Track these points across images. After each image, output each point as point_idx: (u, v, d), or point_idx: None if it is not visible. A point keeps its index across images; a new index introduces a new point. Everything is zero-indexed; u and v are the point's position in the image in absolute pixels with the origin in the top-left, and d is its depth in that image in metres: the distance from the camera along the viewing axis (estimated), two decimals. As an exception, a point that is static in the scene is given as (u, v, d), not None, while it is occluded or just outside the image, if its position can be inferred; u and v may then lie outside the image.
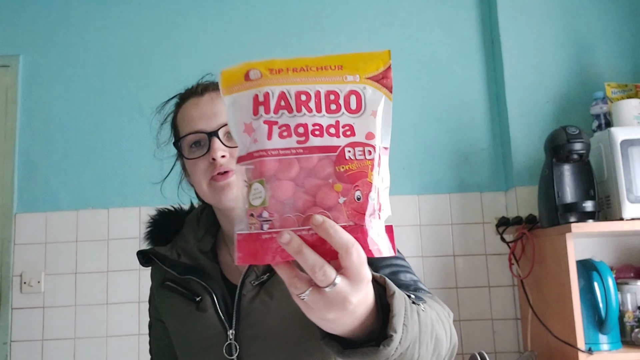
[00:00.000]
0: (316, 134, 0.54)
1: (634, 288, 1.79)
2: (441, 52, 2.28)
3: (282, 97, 0.55)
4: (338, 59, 0.57)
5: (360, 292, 0.52)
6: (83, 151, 2.24)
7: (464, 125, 2.23)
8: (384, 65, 0.58)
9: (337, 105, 0.55)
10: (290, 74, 0.56)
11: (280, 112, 0.54)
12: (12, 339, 2.12)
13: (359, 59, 0.57)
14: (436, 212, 2.18)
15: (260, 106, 0.55)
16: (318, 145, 0.54)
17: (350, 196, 0.53)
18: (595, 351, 1.65)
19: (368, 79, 0.57)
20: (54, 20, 2.33)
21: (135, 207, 2.18)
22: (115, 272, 2.15)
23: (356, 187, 0.53)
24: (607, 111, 1.96)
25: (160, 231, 1.06)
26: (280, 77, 0.56)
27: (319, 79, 0.56)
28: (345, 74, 0.56)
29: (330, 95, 0.56)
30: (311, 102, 0.55)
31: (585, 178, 1.79)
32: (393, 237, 0.56)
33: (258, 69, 0.56)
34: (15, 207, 2.20)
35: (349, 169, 0.53)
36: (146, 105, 2.24)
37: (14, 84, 2.27)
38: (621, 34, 2.19)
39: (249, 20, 2.33)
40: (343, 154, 0.54)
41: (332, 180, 0.53)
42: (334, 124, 0.55)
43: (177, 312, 0.98)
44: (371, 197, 0.53)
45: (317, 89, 0.55)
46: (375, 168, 0.55)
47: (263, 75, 0.56)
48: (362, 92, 0.56)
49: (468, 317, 2.11)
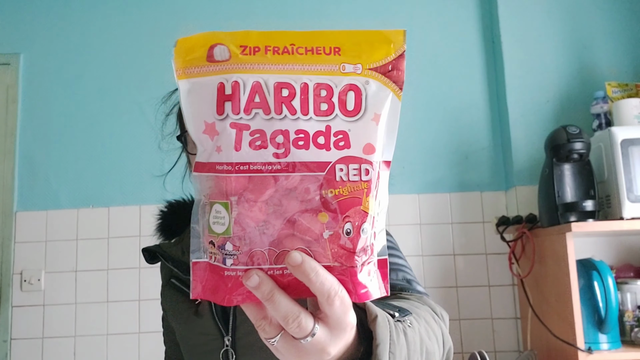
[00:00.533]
0: (299, 145, 0.42)
1: (633, 287, 1.79)
2: (442, 51, 2.28)
3: (257, 91, 0.42)
4: (336, 38, 0.43)
5: (341, 341, 0.45)
6: (83, 150, 2.24)
7: (464, 125, 2.23)
8: (396, 52, 0.44)
9: (329, 105, 0.43)
10: (269, 56, 0.42)
11: (254, 112, 0.42)
12: (12, 336, 2.12)
13: (363, 40, 0.44)
14: (436, 212, 2.18)
15: (227, 102, 0.42)
16: (301, 160, 0.42)
17: (338, 230, 0.42)
18: (595, 350, 1.65)
19: (373, 69, 0.44)
20: (54, 19, 2.33)
21: (135, 205, 2.18)
22: (115, 270, 2.15)
23: (346, 218, 0.42)
24: (607, 110, 1.96)
25: (170, 224, 1.04)
26: (255, 59, 0.42)
27: (308, 67, 0.43)
28: (343, 61, 0.43)
29: (321, 91, 0.43)
30: (295, 100, 0.42)
31: (585, 177, 1.79)
32: (386, 272, 0.46)
33: (226, 45, 0.42)
34: (16, 206, 2.20)
35: (339, 194, 0.42)
36: (146, 104, 2.24)
37: (15, 83, 2.27)
38: (621, 33, 2.19)
39: (249, 20, 2.32)
40: (333, 174, 0.42)
41: (316, 207, 0.42)
42: (324, 131, 0.42)
43: (178, 312, 0.97)
44: (364, 230, 0.43)
45: (304, 81, 0.43)
46: (372, 192, 0.43)
47: (232, 56, 0.42)
48: (363, 88, 0.43)
49: (468, 316, 2.11)
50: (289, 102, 0.42)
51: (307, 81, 0.43)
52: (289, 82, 0.42)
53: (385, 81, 0.44)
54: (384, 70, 0.44)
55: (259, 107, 0.42)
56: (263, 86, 0.42)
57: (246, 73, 0.42)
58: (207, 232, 0.43)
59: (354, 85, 0.43)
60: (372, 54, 0.44)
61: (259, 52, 0.42)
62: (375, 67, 0.44)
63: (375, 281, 0.45)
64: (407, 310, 0.62)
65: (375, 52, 0.44)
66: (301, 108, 0.42)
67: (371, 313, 0.53)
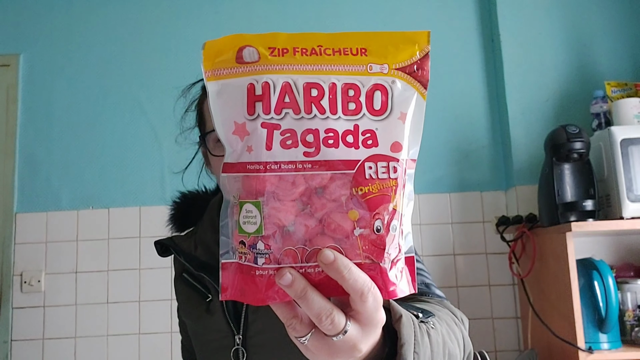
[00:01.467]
0: (329, 144, 0.42)
1: (634, 287, 1.79)
2: (441, 50, 2.28)
3: (287, 91, 0.43)
4: (362, 39, 0.44)
5: (372, 338, 0.46)
6: (83, 150, 2.24)
7: (464, 124, 2.23)
8: (421, 52, 0.45)
9: (357, 104, 0.44)
10: (297, 57, 0.44)
11: (284, 111, 0.43)
12: (12, 338, 2.12)
13: (388, 41, 0.45)
14: (436, 211, 2.18)
15: (258, 102, 0.43)
16: (331, 159, 0.42)
17: (369, 227, 0.43)
18: (596, 350, 1.65)
19: (399, 69, 0.45)
20: (54, 19, 2.33)
21: (135, 206, 2.18)
22: (116, 271, 2.15)
23: (376, 215, 0.43)
24: (607, 110, 1.96)
25: (183, 216, 1.03)
26: (284, 60, 0.43)
27: (336, 67, 0.44)
28: (370, 61, 0.44)
29: (349, 90, 0.44)
30: (324, 100, 0.43)
31: (585, 177, 1.79)
32: (414, 269, 0.47)
33: (255, 47, 0.43)
34: (16, 207, 2.20)
35: (369, 192, 0.43)
36: (147, 104, 2.24)
37: (15, 83, 2.27)
38: (621, 32, 2.19)
39: (249, 19, 2.32)
40: (362, 172, 0.43)
41: (347, 205, 0.42)
42: (352, 130, 0.43)
43: (190, 307, 0.97)
44: (394, 227, 0.44)
45: (332, 81, 0.43)
46: (400, 189, 0.44)
47: (262, 57, 0.43)
48: (389, 88, 0.44)
49: (468, 316, 2.08)
50: (318, 102, 0.43)
51: (335, 81, 0.43)
52: (318, 82, 0.43)
53: (410, 81, 0.45)
54: (410, 70, 0.45)
55: (289, 107, 0.43)
56: (292, 86, 0.43)
57: (276, 74, 0.43)
58: (237, 232, 0.43)
59: (381, 84, 0.44)
60: (398, 54, 0.45)
61: (287, 54, 0.43)
62: (401, 67, 0.45)
63: (404, 278, 0.46)
64: (430, 312, 0.63)
65: (400, 52, 0.45)
66: (330, 107, 0.43)
67: (396, 313, 0.53)
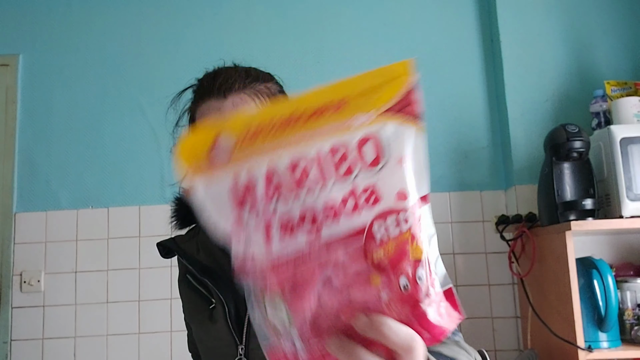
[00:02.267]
0: (330, 220, 0.40)
1: (633, 286, 1.79)
2: (440, 51, 2.28)
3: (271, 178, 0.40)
4: (338, 90, 0.41)
5: None
6: (83, 150, 2.24)
7: (463, 124, 2.23)
8: (404, 86, 0.42)
9: (349, 164, 0.40)
10: (275, 132, 0.40)
11: (274, 198, 0.40)
12: (12, 337, 2.12)
13: (368, 83, 0.41)
14: (436, 211, 2.18)
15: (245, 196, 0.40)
16: (336, 234, 0.40)
17: (395, 287, 0.40)
18: (595, 349, 1.65)
19: (386, 112, 0.41)
20: (54, 19, 2.33)
21: (135, 206, 2.18)
22: (115, 270, 2.15)
23: (398, 272, 0.40)
24: (606, 109, 1.96)
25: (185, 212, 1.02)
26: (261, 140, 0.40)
27: (317, 132, 0.40)
28: (352, 113, 0.41)
29: (336, 153, 0.40)
30: (312, 172, 0.40)
31: (584, 176, 1.79)
32: (454, 299, 0.44)
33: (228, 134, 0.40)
34: (15, 206, 2.20)
35: (385, 254, 0.40)
36: (146, 104, 2.24)
37: (14, 84, 2.27)
38: (621, 32, 2.19)
39: (250, 19, 2.32)
40: (372, 236, 0.40)
41: (365, 273, 0.40)
42: (350, 192, 0.40)
43: (193, 312, 0.96)
44: (420, 277, 0.41)
45: (315, 151, 0.40)
46: (417, 237, 0.41)
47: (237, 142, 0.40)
48: (379, 135, 0.41)
49: (468, 316, 2.11)
50: (307, 177, 0.40)
51: (319, 149, 0.40)
52: (302, 156, 0.40)
53: (401, 119, 0.42)
54: (398, 108, 0.42)
55: (277, 190, 0.40)
56: (277, 171, 0.40)
57: (257, 157, 0.40)
58: (269, 317, 0.41)
59: (370, 135, 0.41)
60: (381, 96, 0.41)
61: (264, 131, 0.40)
62: (387, 108, 0.41)
63: (446, 315, 0.43)
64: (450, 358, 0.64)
65: (383, 93, 0.41)
66: (321, 177, 0.40)
67: None
